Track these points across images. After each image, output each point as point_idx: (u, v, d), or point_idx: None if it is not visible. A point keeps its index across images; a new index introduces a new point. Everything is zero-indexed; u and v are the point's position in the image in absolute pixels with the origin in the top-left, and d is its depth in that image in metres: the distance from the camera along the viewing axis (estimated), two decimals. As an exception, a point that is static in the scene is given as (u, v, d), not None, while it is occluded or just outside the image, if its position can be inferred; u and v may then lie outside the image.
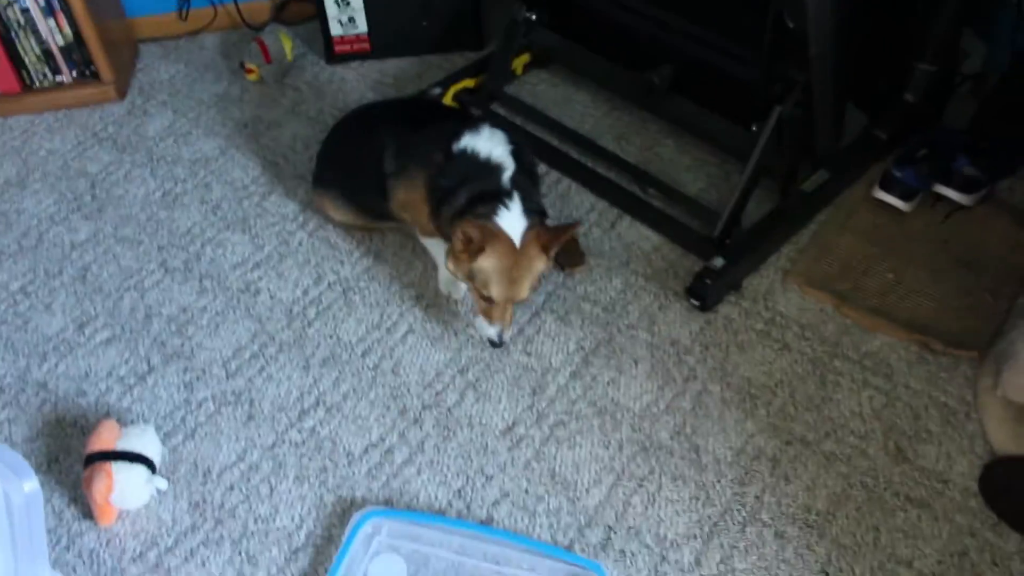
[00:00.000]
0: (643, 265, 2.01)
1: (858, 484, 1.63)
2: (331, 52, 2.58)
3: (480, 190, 1.77)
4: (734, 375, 1.80)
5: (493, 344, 1.79)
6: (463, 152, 1.81)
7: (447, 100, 2.38)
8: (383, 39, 2.56)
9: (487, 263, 1.71)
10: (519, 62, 2.46)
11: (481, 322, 1.79)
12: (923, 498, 1.61)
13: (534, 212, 1.77)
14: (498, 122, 1.90)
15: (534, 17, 2.31)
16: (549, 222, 1.82)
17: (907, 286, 1.93)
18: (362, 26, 2.53)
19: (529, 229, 1.73)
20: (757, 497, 1.62)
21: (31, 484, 1.16)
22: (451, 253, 1.77)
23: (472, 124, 1.86)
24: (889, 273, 1.96)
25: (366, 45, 2.57)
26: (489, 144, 1.81)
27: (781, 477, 1.65)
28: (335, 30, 2.53)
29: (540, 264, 1.75)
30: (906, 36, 2.10)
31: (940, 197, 2.08)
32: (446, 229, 1.82)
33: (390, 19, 2.53)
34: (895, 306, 1.89)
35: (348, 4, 2.47)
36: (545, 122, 2.33)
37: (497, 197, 1.75)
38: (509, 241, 1.72)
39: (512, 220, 1.73)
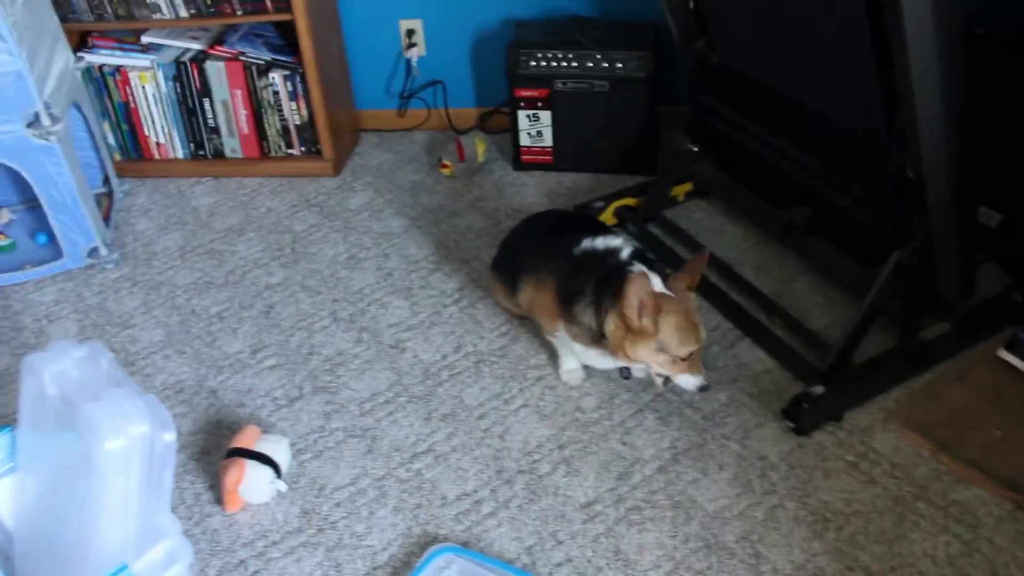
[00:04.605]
0: (751, 384, 2.12)
1: (912, 622, 1.64)
2: (518, 159, 2.89)
3: (602, 274, 1.91)
4: (813, 497, 1.86)
5: (704, 389, 1.91)
6: (583, 253, 1.98)
7: (608, 213, 2.61)
8: (565, 154, 2.85)
9: (670, 323, 1.83)
10: (681, 189, 2.66)
11: (683, 379, 1.90)
12: (976, 650, 1.60)
13: (654, 263, 1.94)
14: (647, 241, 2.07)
15: (696, 149, 2.51)
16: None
17: (1013, 445, 1.92)
18: (548, 140, 2.83)
19: (669, 279, 1.88)
20: (806, 612, 1.67)
21: (170, 436, 1.42)
22: (620, 342, 1.87)
23: (594, 232, 2.02)
24: (997, 430, 1.96)
25: (549, 157, 2.87)
26: (605, 240, 1.97)
27: (835, 599, 1.69)
28: (524, 141, 2.85)
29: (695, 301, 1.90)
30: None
31: (1067, 370, 2.06)
32: (580, 321, 1.96)
33: (573, 138, 2.81)
34: (996, 463, 1.89)
35: (538, 119, 2.79)
36: (693, 246, 2.49)
37: (620, 269, 1.89)
38: (669, 296, 1.85)
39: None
